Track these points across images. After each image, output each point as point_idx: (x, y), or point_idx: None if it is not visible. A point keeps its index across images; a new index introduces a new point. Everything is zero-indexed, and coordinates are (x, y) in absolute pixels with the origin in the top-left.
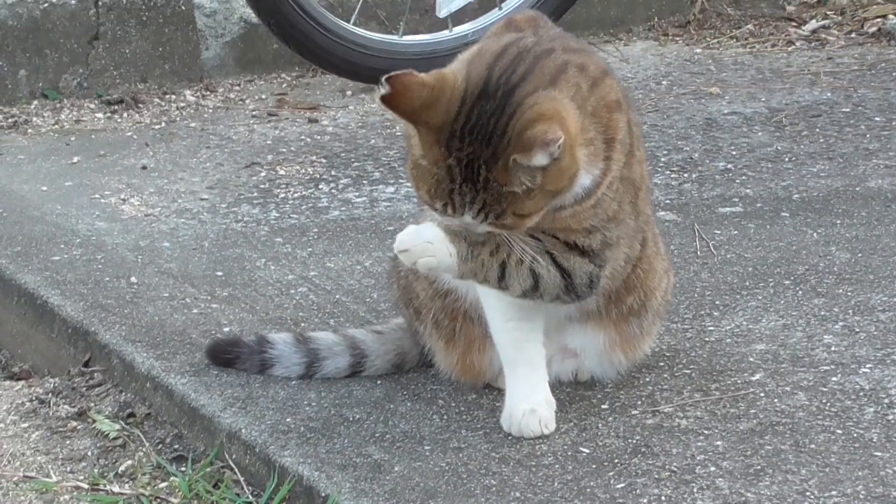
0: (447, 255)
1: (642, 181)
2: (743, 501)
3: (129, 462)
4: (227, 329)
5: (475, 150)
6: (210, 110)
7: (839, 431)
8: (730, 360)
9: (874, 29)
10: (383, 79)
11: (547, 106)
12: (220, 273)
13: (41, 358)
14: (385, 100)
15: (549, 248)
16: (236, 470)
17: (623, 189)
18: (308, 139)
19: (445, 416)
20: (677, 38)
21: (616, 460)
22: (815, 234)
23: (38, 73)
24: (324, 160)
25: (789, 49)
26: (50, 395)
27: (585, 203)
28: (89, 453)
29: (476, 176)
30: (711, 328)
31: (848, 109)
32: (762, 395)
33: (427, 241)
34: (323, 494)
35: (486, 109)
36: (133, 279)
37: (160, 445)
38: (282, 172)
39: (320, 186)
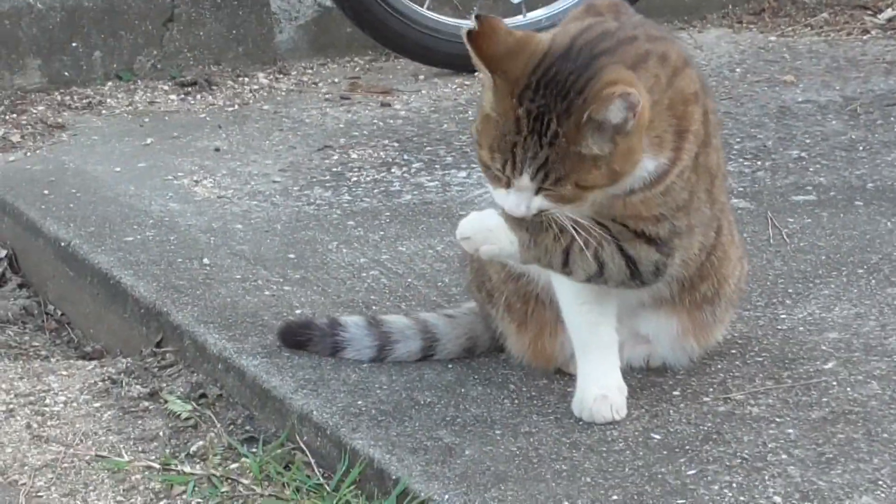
0: (508, 243)
1: (718, 169)
2: (815, 489)
3: (201, 442)
4: (298, 311)
5: (548, 102)
6: (283, 93)
7: None
8: (802, 348)
9: None
10: (473, 16)
11: (628, 75)
12: (292, 255)
13: (114, 338)
14: (471, 37)
15: (615, 234)
16: (307, 452)
17: (698, 178)
18: (380, 123)
19: (516, 401)
20: (751, 26)
21: (687, 447)
22: (888, 224)
23: (113, 55)
24: (396, 144)
25: (864, 37)
26: (122, 375)
27: (655, 189)
28: (161, 433)
29: (544, 129)
30: (784, 316)
31: None
32: (834, 383)
33: (488, 228)
34: (394, 477)
35: (566, 68)
36: (205, 261)
37: (231, 426)
38: (354, 156)
39: (392, 170)
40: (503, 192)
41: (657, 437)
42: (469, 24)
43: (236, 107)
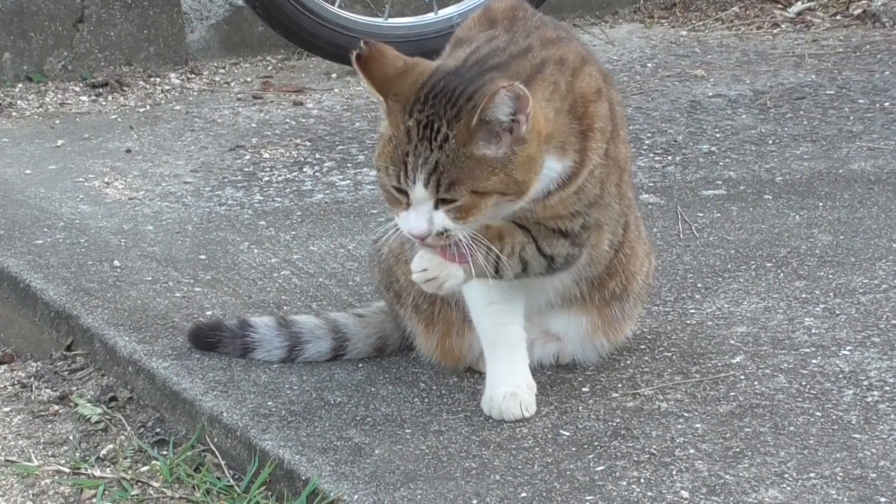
0: (460, 270)
1: (626, 163)
2: (722, 483)
3: (111, 446)
4: (209, 313)
5: (437, 111)
6: (195, 93)
7: (818, 414)
8: (710, 342)
9: (859, 11)
10: (362, 42)
11: (517, 85)
12: (203, 256)
13: (23, 342)
14: (360, 60)
15: (535, 234)
16: (217, 454)
17: (608, 170)
18: (293, 122)
19: (426, 400)
20: (663, 21)
21: (596, 443)
22: (797, 217)
23: (23, 57)
24: (308, 143)
25: (774, 31)
26: (32, 378)
27: (568, 189)
28: (71, 437)
29: (434, 135)
30: (693, 311)
31: (832, 92)
32: (742, 377)
33: (440, 263)
34: (303, 478)
35: (455, 81)
36: (116, 263)
37: (142, 429)
38: (266, 156)
39: (304, 170)
40: (404, 214)
41: (566, 433)
42: (360, 50)
43: (148, 107)
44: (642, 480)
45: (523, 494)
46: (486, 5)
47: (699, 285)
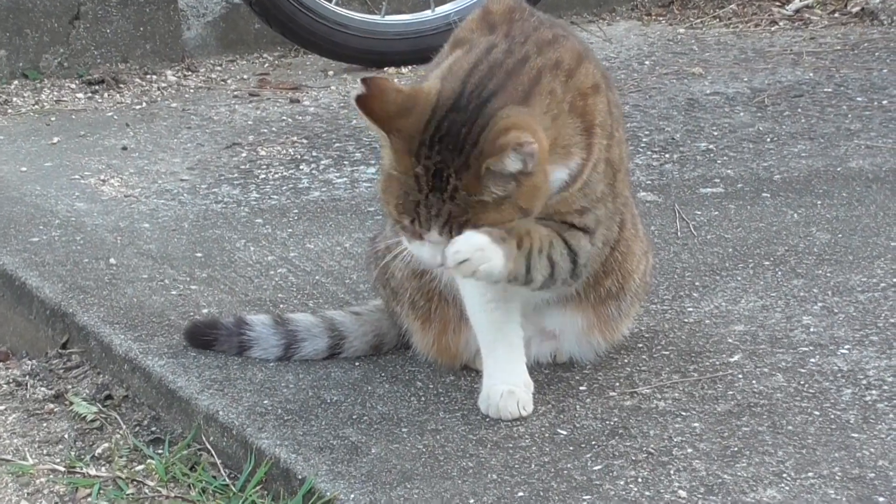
0: (498, 257)
1: (621, 163)
2: (720, 483)
3: (106, 444)
4: (205, 311)
5: (444, 158)
6: (191, 91)
7: (816, 413)
8: (708, 341)
9: (857, 8)
10: (359, 80)
11: (520, 118)
12: (199, 254)
13: (19, 339)
14: (360, 101)
15: (557, 230)
16: (213, 452)
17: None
18: (289, 119)
19: (423, 398)
20: (661, 18)
21: (593, 442)
22: (795, 215)
23: (19, 53)
24: (305, 141)
25: (772, 29)
26: (27, 377)
27: (572, 188)
28: (66, 436)
29: (444, 185)
30: (690, 309)
31: (830, 90)
32: (740, 376)
33: (479, 247)
34: (300, 477)
35: (458, 120)
36: (112, 260)
37: (137, 428)
38: (262, 153)
39: (301, 167)
40: (417, 243)
41: (563, 432)
42: (359, 89)
43: (144, 105)
44: (640, 480)
45: (520, 494)
46: (484, 6)
47: (697, 283)
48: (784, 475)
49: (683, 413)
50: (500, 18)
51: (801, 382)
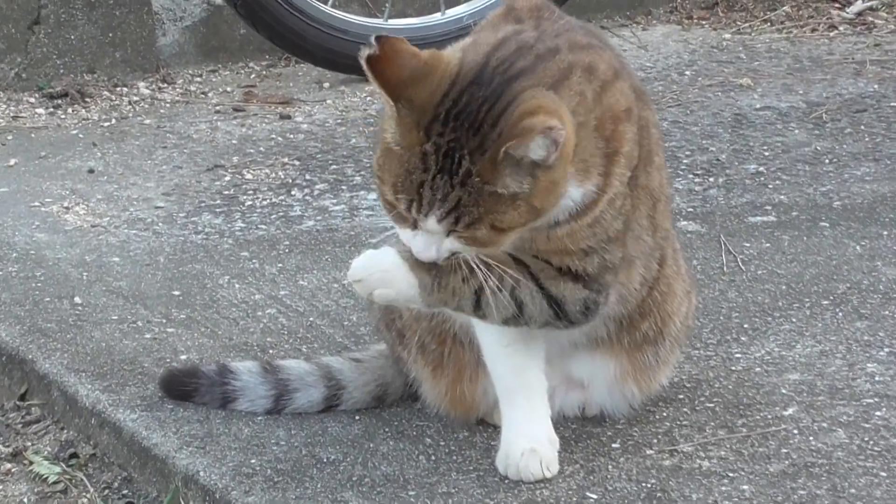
0: (407, 286)
1: (661, 191)
2: None
3: None
4: (184, 357)
5: (459, 137)
6: (167, 105)
7: (883, 474)
8: (759, 391)
9: None
10: (373, 37)
11: (548, 101)
12: (176, 292)
13: None
14: (370, 61)
15: (535, 272)
16: None
17: (635, 202)
18: (279, 138)
19: (433, 457)
20: (703, 22)
21: None
22: (858, 248)
23: None
24: (297, 162)
25: (831, 34)
26: None
27: (582, 220)
28: (25, 500)
29: (455, 168)
30: (739, 356)
31: None
32: (795, 431)
33: (383, 269)
34: None
35: (478, 96)
36: (77, 299)
37: (107, 491)
38: (249, 177)
39: (293, 192)
40: (409, 232)
41: (594, 496)
42: (370, 48)
43: (113, 121)
44: None
45: None
46: (507, 3)
47: (746, 326)
48: None
49: (731, 474)
50: (526, 14)
51: (866, 439)
